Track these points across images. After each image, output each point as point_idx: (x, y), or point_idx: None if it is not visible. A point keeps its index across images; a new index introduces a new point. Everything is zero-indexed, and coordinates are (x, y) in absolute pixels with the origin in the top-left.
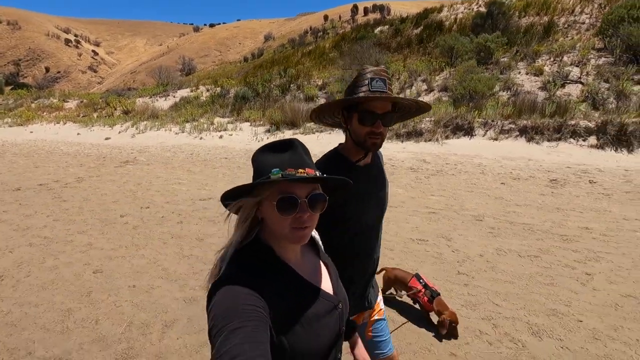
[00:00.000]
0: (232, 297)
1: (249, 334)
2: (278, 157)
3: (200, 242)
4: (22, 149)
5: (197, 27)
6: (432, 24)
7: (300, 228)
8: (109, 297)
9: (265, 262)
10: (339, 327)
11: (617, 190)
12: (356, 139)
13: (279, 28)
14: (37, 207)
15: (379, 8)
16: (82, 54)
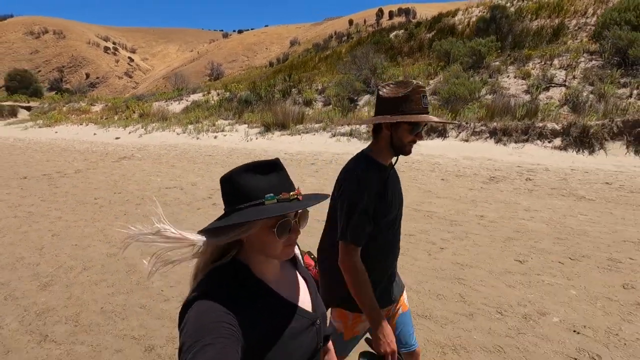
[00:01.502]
0: (204, 314)
1: (219, 351)
2: (266, 180)
3: (145, 218)
4: (42, 147)
5: (226, 34)
6: (445, 28)
7: (290, 245)
8: (54, 250)
9: (241, 280)
10: (316, 343)
11: (545, 187)
12: (399, 144)
13: (305, 33)
14: (33, 191)
15: (404, 11)
16: (119, 60)
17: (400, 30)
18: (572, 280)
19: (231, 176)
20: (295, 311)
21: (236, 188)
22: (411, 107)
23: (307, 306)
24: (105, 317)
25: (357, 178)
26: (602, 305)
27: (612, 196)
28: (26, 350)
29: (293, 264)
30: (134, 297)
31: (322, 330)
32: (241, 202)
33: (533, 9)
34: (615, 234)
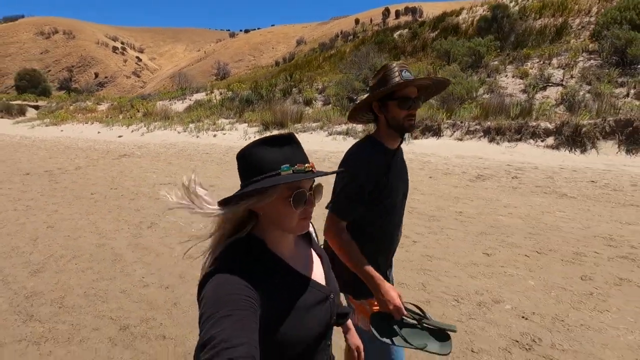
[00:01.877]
0: (223, 286)
1: (237, 321)
2: (281, 153)
3: (136, 212)
4: (47, 144)
5: (233, 33)
6: (449, 27)
7: (306, 218)
8: (47, 241)
9: (257, 254)
10: (329, 317)
11: (530, 185)
12: (395, 123)
13: (312, 32)
14: (34, 187)
15: (411, 10)
16: (127, 60)
17: (405, 29)
18: (533, 272)
19: (246, 150)
20: (309, 284)
21: (252, 161)
22: (390, 84)
23: (321, 280)
24: (87, 300)
25: (361, 156)
26: (556, 294)
27: (594, 194)
28: (12, 328)
29: (307, 241)
30: (116, 283)
31: (335, 304)
32: (257, 174)
33: (537, 8)
34: (587, 230)
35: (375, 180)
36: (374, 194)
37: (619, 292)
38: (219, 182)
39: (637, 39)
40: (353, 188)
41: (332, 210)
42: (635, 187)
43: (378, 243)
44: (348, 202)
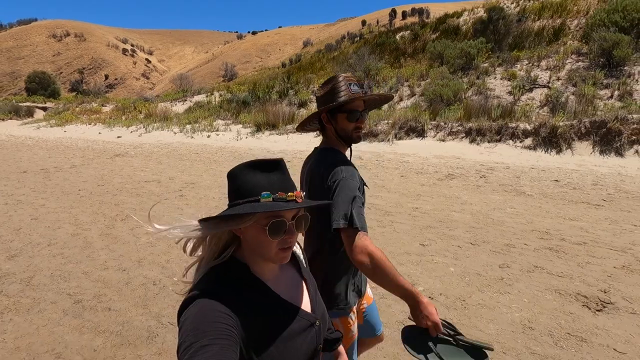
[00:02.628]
0: (203, 314)
1: (217, 352)
2: (266, 178)
3: (115, 206)
4: (48, 144)
5: (241, 35)
6: (449, 28)
7: (286, 248)
8: (29, 231)
9: (240, 279)
10: (315, 345)
11: (494, 184)
12: (344, 134)
13: (318, 34)
14: (28, 183)
15: (418, 11)
16: (136, 62)
17: (407, 31)
18: (458, 261)
19: (234, 171)
20: (293, 311)
21: (236, 184)
22: (339, 96)
23: (306, 307)
24: (51, 280)
25: (343, 160)
26: (469, 279)
27: (552, 192)
28: None
29: (293, 264)
30: (81, 266)
31: (322, 331)
32: (240, 197)
33: (536, 9)
34: (529, 224)
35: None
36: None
37: (528, 278)
38: (200, 180)
39: (624, 41)
40: (357, 193)
41: (352, 225)
42: (595, 186)
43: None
44: (361, 215)
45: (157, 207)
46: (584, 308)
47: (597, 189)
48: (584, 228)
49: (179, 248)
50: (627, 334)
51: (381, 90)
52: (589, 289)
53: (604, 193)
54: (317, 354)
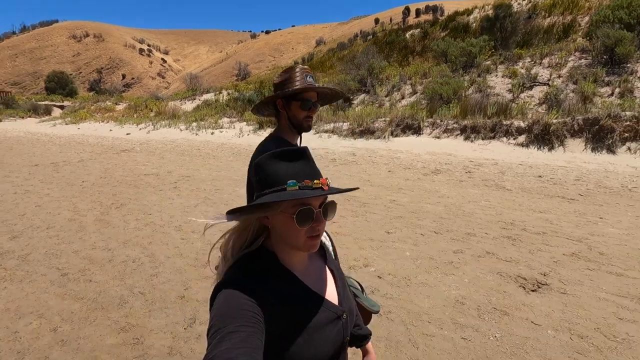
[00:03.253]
0: (232, 301)
1: (243, 338)
2: (291, 167)
3: (112, 196)
4: (62, 141)
5: (254, 34)
6: (459, 26)
7: (314, 237)
8: (32, 216)
9: (268, 268)
10: (342, 338)
11: (477, 179)
12: (295, 121)
13: (331, 32)
14: (37, 175)
15: (432, 9)
16: (152, 61)
17: (417, 29)
18: (416, 246)
19: (260, 161)
20: (320, 303)
21: (263, 174)
22: (294, 85)
23: (334, 299)
24: (45, 257)
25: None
26: (421, 262)
27: (532, 187)
28: None
29: (322, 256)
30: (72, 246)
31: (349, 324)
32: (266, 187)
33: (547, 6)
34: (497, 216)
35: None
36: None
37: (476, 262)
38: (196, 173)
39: (627, 38)
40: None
41: None
42: (577, 182)
43: None
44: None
45: (151, 197)
46: (519, 288)
47: (578, 185)
48: (549, 220)
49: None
50: (549, 310)
51: (383, 90)
52: (530, 272)
53: (583, 188)
54: (344, 347)
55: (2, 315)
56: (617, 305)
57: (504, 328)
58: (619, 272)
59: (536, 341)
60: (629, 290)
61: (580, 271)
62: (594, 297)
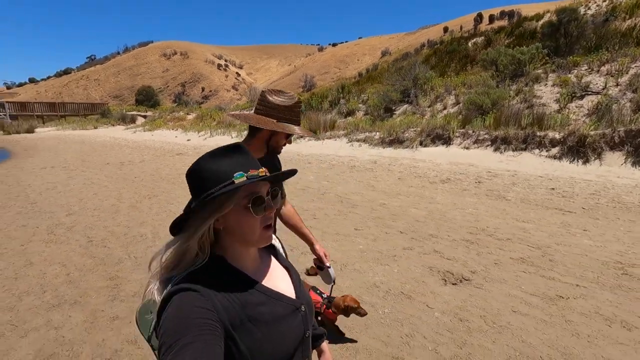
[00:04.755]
0: (183, 311)
1: (201, 349)
2: (233, 161)
3: (150, 189)
4: (135, 145)
5: (322, 47)
6: (525, 33)
7: (268, 226)
8: (87, 201)
9: (218, 271)
10: (302, 331)
11: (483, 189)
12: (274, 145)
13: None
14: (105, 171)
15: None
16: (228, 75)
17: (480, 37)
18: (374, 242)
19: (196, 166)
20: (276, 298)
21: (203, 176)
22: (292, 117)
23: (290, 293)
24: (83, 228)
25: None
26: (366, 254)
27: (534, 199)
28: (41, 235)
29: (273, 255)
30: (105, 223)
31: (308, 317)
32: (211, 187)
33: (629, 6)
34: (475, 222)
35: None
36: None
37: (418, 258)
38: None
39: None
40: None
41: None
42: (590, 196)
43: None
44: None
45: (180, 191)
46: (440, 281)
47: (589, 199)
48: (526, 229)
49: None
50: (451, 298)
51: (426, 100)
52: (462, 269)
53: (592, 202)
54: (306, 340)
55: (41, 262)
56: (521, 300)
57: (397, 307)
58: (554, 276)
59: (418, 319)
60: (546, 292)
61: (512, 273)
62: (505, 293)
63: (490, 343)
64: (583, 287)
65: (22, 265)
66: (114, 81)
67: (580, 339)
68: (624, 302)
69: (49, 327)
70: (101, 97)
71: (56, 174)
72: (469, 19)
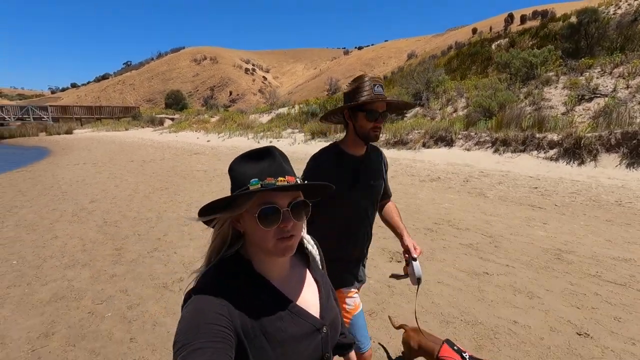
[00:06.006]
0: (199, 313)
1: (208, 357)
2: (256, 167)
3: (163, 182)
4: (159, 145)
5: (347, 51)
6: (550, 34)
7: (285, 238)
8: (109, 191)
9: (242, 276)
10: (320, 354)
11: (468, 187)
12: (362, 132)
13: (424, 45)
14: (128, 168)
15: (541, 14)
16: (255, 79)
17: (504, 39)
18: None
19: (231, 166)
20: (298, 314)
21: (232, 176)
22: (361, 96)
23: (314, 311)
24: (102, 212)
25: (313, 157)
26: None
27: (513, 196)
28: (67, 216)
29: (306, 264)
30: (120, 209)
31: (329, 340)
32: (235, 189)
33: None
34: (444, 215)
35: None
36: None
37: (376, 240)
38: None
39: None
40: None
41: None
42: (570, 195)
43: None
44: None
45: (189, 185)
46: (388, 259)
47: (567, 197)
48: (488, 221)
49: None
50: (390, 271)
51: (437, 103)
52: None
53: (568, 200)
54: None
55: (64, 236)
56: (449, 275)
57: None
58: (490, 258)
59: None
60: (475, 269)
61: (454, 255)
62: (438, 269)
63: (405, 303)
64: (511, 267)
65: (49, 238)
66: (148, 86)
67: (483, 303)
68: (540, 278)
69: (64, 280)
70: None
71: (86, 169)
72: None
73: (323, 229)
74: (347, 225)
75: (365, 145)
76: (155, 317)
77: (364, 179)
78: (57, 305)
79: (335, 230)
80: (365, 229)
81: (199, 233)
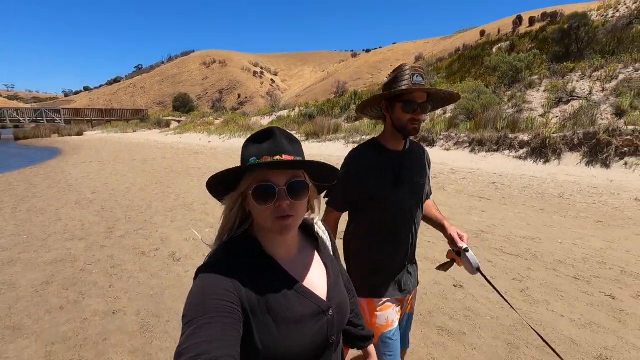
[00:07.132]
0: (208, 288)
1: (217, 331)
2: (257, 147)
3: (160, 178)
4: (162, 145)
5: (355, 53)
6: (548, 37)
7: (282, 217)
8: (109, 185)
9: (250, 255)
10: (325, 335)
11: (434, 182)
12: (399, 125)
13: (432, 48)
14: (130, 166)
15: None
16: (263, 82)
17: (505, 42)
18: None
19: (242, 148)
20: (303, 294)
21: (241, 156)
22: (399, 85)
23: (320, 292)
24: (101, 201)
25: (350, 154)
26: None
27: (469, 190)
28: (71, 204)
29: (316, 247)
30: (117, 199)
31: (335, 322)
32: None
33: None
34: None
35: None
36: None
37: None
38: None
39: None
40: (340, 181)
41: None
42: (522, 189)
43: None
44: (335, 194)
45: (181, 180)
46: None
47: (517, 191)
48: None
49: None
50: None
51: None
52: None
53: (516, 193)
54: (329, 346)
55: (66, 219)
56: None
57: None
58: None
59: None
60: None
61: None
62: None
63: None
64: (432, 243)
65: (54, 220)
66: (158, 89)
67: None
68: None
69: (63, 249)
70: (146, 104)
71: (92, 166)
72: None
73: (361, 231)
74: (389, 227)
75: (404, 140)
76: (130, 273)
77: (407, 176)
78: (57, 265)
79: (376, 234)
80: (410, 232)
81: (179, 217)
